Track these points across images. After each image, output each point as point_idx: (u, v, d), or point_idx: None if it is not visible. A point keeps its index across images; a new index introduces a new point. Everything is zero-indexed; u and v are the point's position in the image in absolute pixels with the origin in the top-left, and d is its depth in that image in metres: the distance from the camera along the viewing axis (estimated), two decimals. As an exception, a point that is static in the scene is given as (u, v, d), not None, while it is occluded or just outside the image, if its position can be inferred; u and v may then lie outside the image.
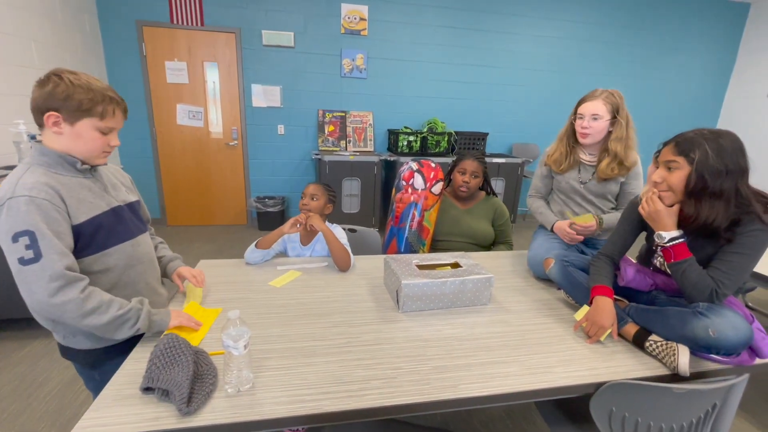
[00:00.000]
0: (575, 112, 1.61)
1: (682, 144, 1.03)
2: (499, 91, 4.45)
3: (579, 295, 1.27)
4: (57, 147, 0.97)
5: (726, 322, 0.96)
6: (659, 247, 1.12)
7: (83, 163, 1.00)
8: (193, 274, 1.25)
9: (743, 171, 0.99)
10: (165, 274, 1.29)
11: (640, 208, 1.13)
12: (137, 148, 3.91)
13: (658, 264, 1.21)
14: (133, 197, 1.18)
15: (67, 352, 1.07)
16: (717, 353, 0.99)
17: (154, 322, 1.02)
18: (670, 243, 1.06)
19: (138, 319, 0.99)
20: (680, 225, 1.08)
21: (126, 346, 1.00)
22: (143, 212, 1.25)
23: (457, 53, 4.23)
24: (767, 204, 1.01)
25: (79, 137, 0.96)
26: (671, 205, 1.09)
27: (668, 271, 1.12)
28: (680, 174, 1.03)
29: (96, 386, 1.08)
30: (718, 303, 1.02)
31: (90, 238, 0.99)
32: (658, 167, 1.11)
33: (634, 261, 1.30)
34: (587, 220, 1.56)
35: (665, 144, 1.09)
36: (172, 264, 1.30)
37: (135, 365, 0.91)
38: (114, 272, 1.05)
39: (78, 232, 0.96)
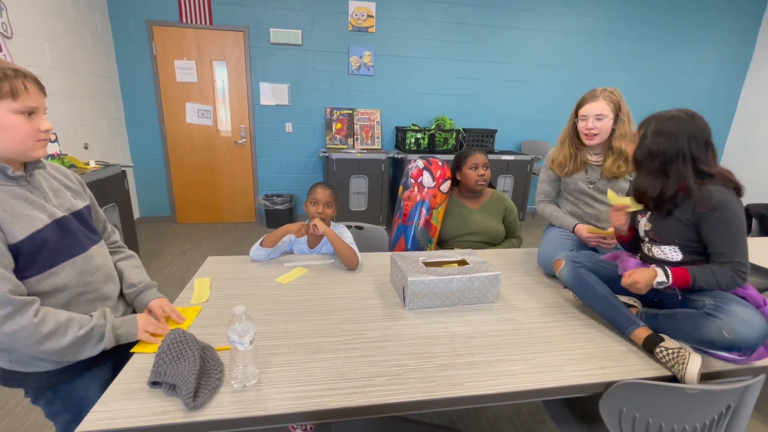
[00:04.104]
0: (576, 114, 1.60)
1: (643, 121, 1.16)
2: (508, 87, 4.40)
3: (590, 299, 1.20)
4: None
5: (737, 321, 0.95)
6: (646, 236, 1.21)
7: (17, 168, 0.87)
8: (165, 312, 1.08)
9: (680, 155, 1.06)
10: (132, 303, 1.11)
11: (631, 290, 1.13)
12: (148, 147, 3.96)
13: (646, 251, 1.22)
14: (81, 202, 1.02)
15: (11, 378, 0.91)
16: (739, 350, 0.97)
17: (121, 336, 0.93)
18: (669, 282, 1.07)
19: (102, 336, 0.89)
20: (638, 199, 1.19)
21: (87, 363, 0.93)
22: (97, 218, 1.09)
23: (465, 50, 4.20)
24: (726, 180, 1.06)
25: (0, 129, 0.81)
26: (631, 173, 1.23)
27: (656, 256, 1.19)
28: (633, 147, 1.17)
29: (57, 411, 0.97)
30: (743, 282, 1.04)
31: (32, 257, 0.85)
32: None
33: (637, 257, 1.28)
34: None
35: None
36: (145, 295, 1.10)
37: (143, 360, 0.92)
38: (64, 292, 0.91)
39: (16, 251, 0.82)
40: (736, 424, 0.97)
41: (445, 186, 1.83)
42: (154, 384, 0.83)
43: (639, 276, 1.08)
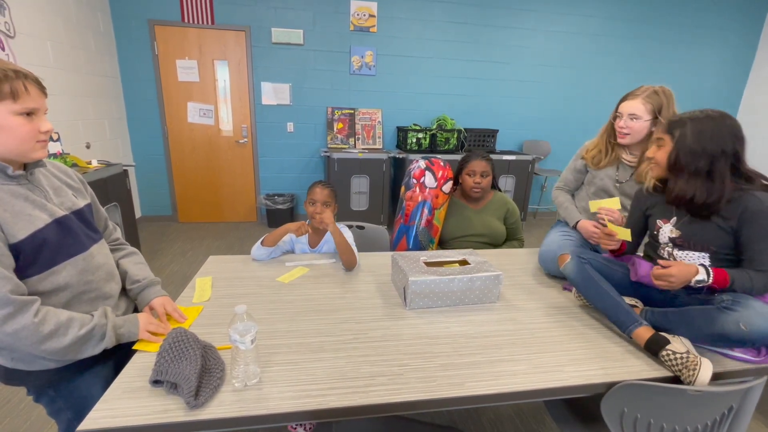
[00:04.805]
0: (616, 110, 1.54)
1: (671, 123, 1.11)
2: (510, 87, 4.40)
3: (593, 294, 1.20)
4: None
5: (755, 314, 0.94)
6: (670, 242, 1.16)
7: (17, 167, 0.86)
8: (167, 311, 1.08)
9: (724, 154, 1.03)
10: (135, 299, 1.11)
11: (657, 283, 1.09)
12: (149, 146, 3.97)
13: (666, 255, 1.19)
14: (82, 201, 1.02)
15: (14, 376, 0.90)
16: (753, 344, 0.97)
17: (122, 335, 0.94)
18: (710, 281, 1.03)
19: (103, 336, 0.90)
20: (671, 201, 1.13)
21: (89, 361, 0.93)
22: (98, 216, 1.09)
23: (467, 49, 4.19)
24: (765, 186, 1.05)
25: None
26: (659, 178, 1.18)
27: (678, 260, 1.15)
28: (665, 151, 1.11)
29: (59, 409, 0.97)
30: None
31: (33, 257, 0.85)
32: None
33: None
34: (613, 204, 1.38)
35: None
36: (148, 292, 1.10)
37: (144, 358, 0.92)
38: (65, 292, 0.91)
39: (17, 251, 0.82)
40: (738, 425, 0.97)
41: (447, 186, 1.83)
42: (156, 383, 0.83)
43: (677, 270, 1.03)
